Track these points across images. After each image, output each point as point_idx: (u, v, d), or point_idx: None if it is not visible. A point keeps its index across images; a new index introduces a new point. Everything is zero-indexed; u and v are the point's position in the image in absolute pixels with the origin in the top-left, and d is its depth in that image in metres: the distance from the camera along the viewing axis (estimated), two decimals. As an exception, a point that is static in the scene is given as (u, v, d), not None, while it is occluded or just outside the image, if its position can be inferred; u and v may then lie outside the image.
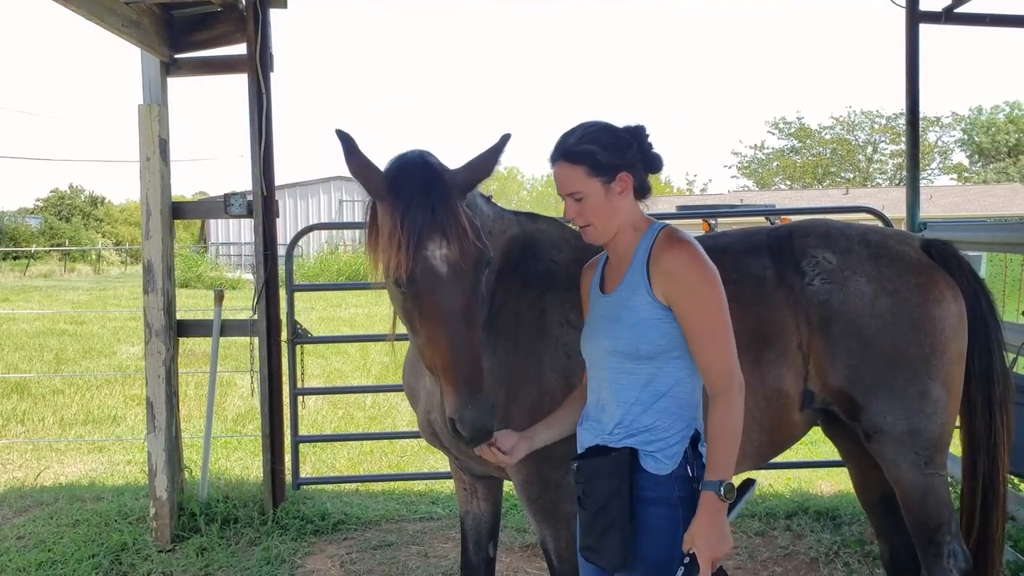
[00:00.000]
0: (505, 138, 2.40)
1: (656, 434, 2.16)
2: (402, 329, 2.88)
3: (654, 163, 2.32)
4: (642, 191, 2.31)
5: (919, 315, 2.80)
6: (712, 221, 13.42)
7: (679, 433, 2.17)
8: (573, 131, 2.29)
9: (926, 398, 2.79)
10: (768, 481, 5.73)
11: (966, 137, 54.22)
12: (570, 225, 3.10)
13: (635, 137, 2.29)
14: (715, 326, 2.13)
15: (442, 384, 2.21)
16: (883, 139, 54.14)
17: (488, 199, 2.85)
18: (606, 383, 2.25)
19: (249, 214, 5.06)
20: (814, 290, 2.81)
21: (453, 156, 2.65)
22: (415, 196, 2.21)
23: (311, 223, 6.39)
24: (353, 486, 5.87)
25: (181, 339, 5.12)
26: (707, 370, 2.14)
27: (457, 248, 2.19)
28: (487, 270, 2.32)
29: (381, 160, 2.41)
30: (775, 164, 55.47)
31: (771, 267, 2.88)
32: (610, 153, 2.23)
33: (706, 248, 2.32)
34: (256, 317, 5.11)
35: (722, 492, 2.04)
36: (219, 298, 5.33)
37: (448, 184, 2.29)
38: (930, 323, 2.80)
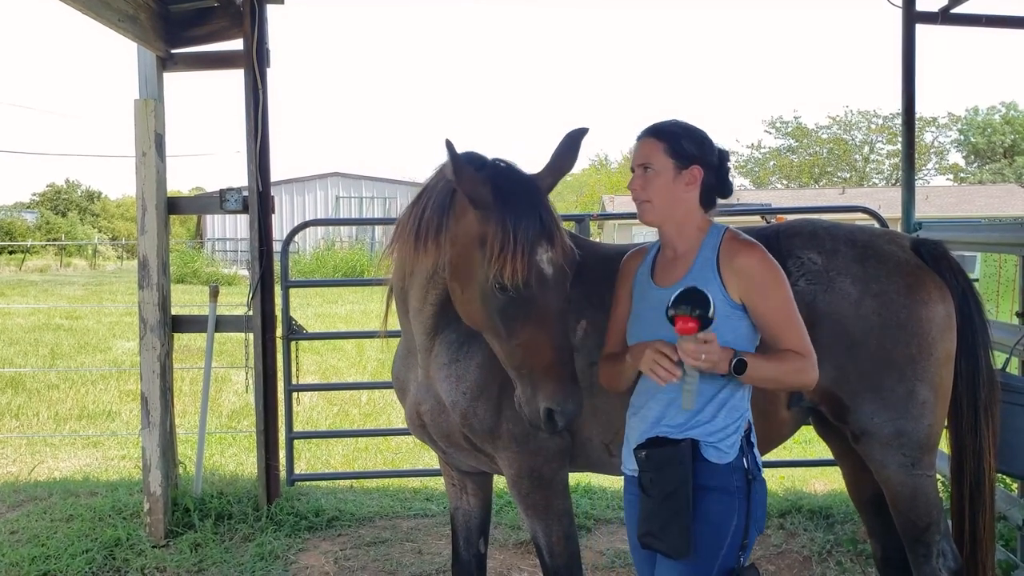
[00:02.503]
0: (581, 132, 2.49)
1: (716, 425, 2.25)
2: (394, 326, 2.89)
3: (726, 186, 2.43)
4: (709, 201, 2.40)
5: (906, 316, 2.79)
6: (708, 220, 13.39)
7: (735, 423, 2.27)
8: (670, 120, 2.43)
9: (913, 399, 2.79)
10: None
11: (962, 138, 54.30)
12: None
13: (720, 154, 2.41)
14: (793, 316, 2.27)
15: (537, 379, 2.27)
16: (880, 139, 54.21)
17: None
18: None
19: (245, 210, 5.05)
20: (799, 291, 2.78)
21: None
22: (522, 205, 2.32)
23: (307, 219, 6.40)
24: (347, 483, 5.87)
25: (176, 335, 5.11)
26: (798, 349, 2.25)
27: (560, 251, 2.32)
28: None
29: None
30: (772, 163, 55.54)
31: None
32: (692, 144, 2.36)
33: None
34: (251, 313, 5.11)
35: (734, 360, 2.13)
36: (214, 294, 5.33)
37: (543, 190, 2.42)
38: (917, 324, 2.79)
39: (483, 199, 2.34)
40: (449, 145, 2.33)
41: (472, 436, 2.81)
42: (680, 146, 2.33)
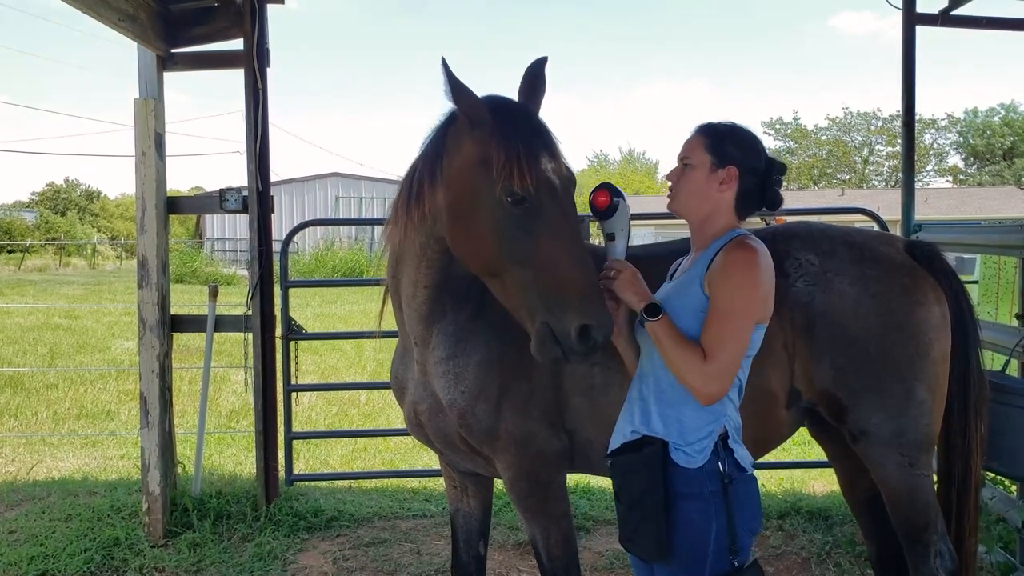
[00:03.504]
0: (541, 61, 2.51)
1: (686, 426, 2.22)
2: (390, 326, 2.88)
3: (772, 196, 2.37)
4: (745, 208, 2.36)
5: (903, 317, 2.80)
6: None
7: (707, 427, 2.22)
8: (726, 120, 2.42)
9: (911, 399, 2.80)
10: (761, 481, 5.72)
11: (961, 139, 54.35)
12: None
13: (770, 163, 2.36)
14: (727, 320, 2.15)
15: (563, 298, 2.17)
16: (879, 141, 54.27)
17: None
18: (647, 359, 2.33)
19: (244, 210, 5.05)
20: (797, 292, 2.80)
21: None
22: (521, 119, 2.37)
23: (307, 219, 6.40)
24: (346, 483, 5.87)
25: (175, 334, 5.10)
26: (706, 348, 2.15)
27: (564, 163, 2.36)
28: None
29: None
30: (771, 164, 55.50)
31: None
32: (735, 146, 2.33)
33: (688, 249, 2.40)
34: (250, 313, 5.10)
35: (647, 309, 2.20)
36: (213, 293, 5.32)
37: (537, 112, 2.45)
38: (914, 325, 2.81)
39: (482, 116, 2.34)
40: (444, 64, 2.33)
41: (469, 437, 2.78)
42: (721, 145, 2.32)
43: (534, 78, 2.50)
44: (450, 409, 2.75)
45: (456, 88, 2.34)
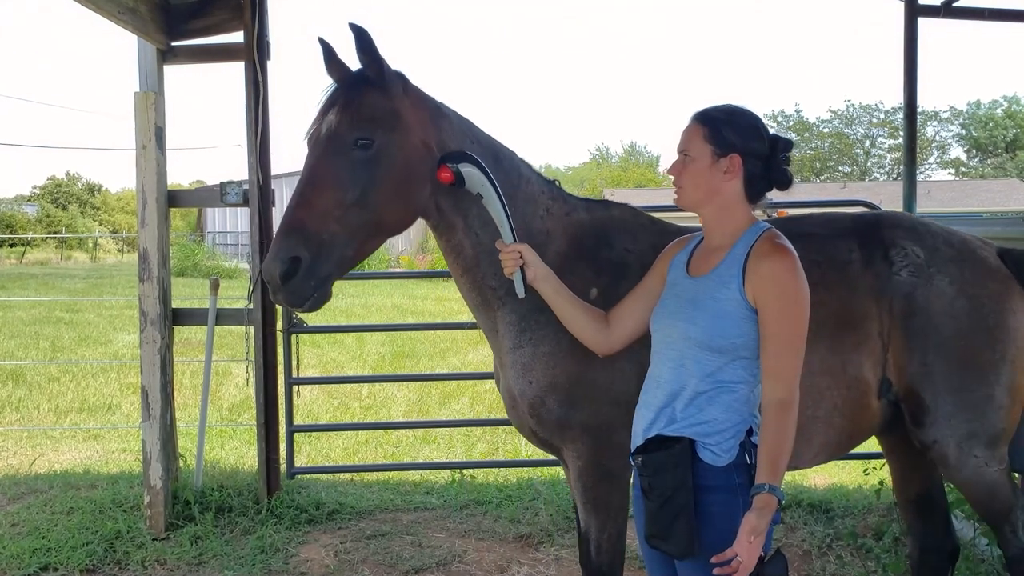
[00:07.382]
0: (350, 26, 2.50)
1: (713, 427, 2.20)
2: (396, 321, 2.87)
3: (780, 176, 2.32)
4: (754, 193, 2.31)
5: (995, 321, 2.80)
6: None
7: (735, 427, 2.21)
8: (722, 104, 2.36)
9: (991, 403, 2.79)
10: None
11: (964, 132, 54.28)
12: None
13: (773, 143, 2.31)
14: (797, 338, 2.17)
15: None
16: (881, 133, 54.22)
17: (552, 182, 2.84)
18: (671, 363, 2.28)
19: (245, 203, 5.05)
20: (901, 281, 2.78)
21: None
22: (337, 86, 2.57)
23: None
24: (348, 476, 5.88)
25: (176, 327, 5.10)
26: (776, 376, 2.16)
27: (323, 120, 2.47)
28: (367, 154, 2.44)
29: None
30: (773, 157, 55.43)
31: (857, 251, 2.84)
32: (735, 133, 2.27)
33: (791, 234, 2.33)
34: (252, 306, 5.10)
35: (781, 500, 2.12)
36: (215, 287, 5.32)
37: (361, 78, 2.52)
38: (1004, 331, 2.80)
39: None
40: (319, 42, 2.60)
41: (540, 429, 2.73)
42: (720, 133, 2.27)
43: (368, 45, 2.50)
44: (521, 399, 2.72)
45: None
